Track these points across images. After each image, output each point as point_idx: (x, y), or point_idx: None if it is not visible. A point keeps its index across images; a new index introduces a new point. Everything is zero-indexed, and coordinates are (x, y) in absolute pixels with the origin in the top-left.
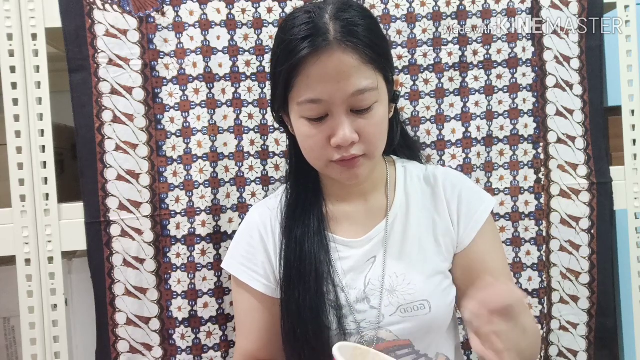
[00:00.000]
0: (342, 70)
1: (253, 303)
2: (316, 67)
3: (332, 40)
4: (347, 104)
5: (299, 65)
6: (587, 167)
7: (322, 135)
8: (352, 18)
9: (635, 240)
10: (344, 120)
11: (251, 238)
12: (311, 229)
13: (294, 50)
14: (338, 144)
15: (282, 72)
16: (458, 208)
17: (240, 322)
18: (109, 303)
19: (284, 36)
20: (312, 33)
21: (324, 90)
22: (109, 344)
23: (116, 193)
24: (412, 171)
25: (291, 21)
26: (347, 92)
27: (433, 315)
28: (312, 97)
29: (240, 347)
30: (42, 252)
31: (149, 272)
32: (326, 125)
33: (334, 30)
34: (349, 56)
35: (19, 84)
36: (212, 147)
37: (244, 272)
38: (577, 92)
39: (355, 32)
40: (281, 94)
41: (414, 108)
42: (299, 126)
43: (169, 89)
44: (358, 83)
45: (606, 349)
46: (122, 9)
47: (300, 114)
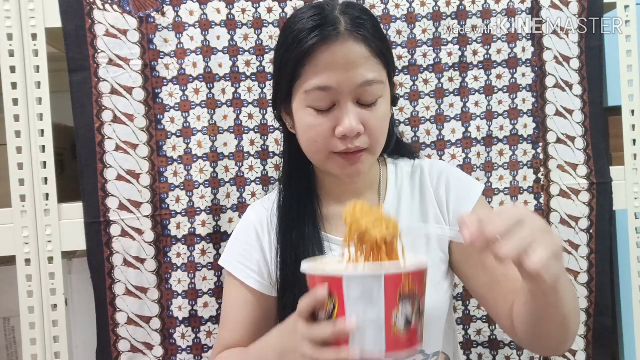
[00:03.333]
0: (352, 60)
1: (245, 298)
2: (326, 55)
3: (343, 30)
4: (354, 94)
5: (309, 53)
6: (586, 167)
7: (327, 125)
8: (359, 14)
9: (635, 240)
10: (350, 109)
11: (248, 236)
12: (306, 232)
13: (304, 39)
14: (344, 133)
15: (289, 61)
16: (447, 194)
17: (228, 316)
18: (109, 303)
19: (291, 28)
20: (322, 23)
21: (333, 78)
22: (109, 343)
23: (116, 193)
24: (402, 167)
25: (298, 16)
26: (356, 82)
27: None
28: (321, 84)
29: (222, 339)
30: (42, 252)
31: (149, 271)
32: (332, 115)
33: (344, 21)
34: (359, 46)
35: (19, 84)
36: (212, 147)
37: (240, 269)
38: (577, 92)
39: (364, 26)
40: (286, 85)
41: (413, 108)
42: (303, 117)
43: (169, 89)
44: (366, 74)
45: (604, 348)
46: (122, 9)
47: (306, 103)
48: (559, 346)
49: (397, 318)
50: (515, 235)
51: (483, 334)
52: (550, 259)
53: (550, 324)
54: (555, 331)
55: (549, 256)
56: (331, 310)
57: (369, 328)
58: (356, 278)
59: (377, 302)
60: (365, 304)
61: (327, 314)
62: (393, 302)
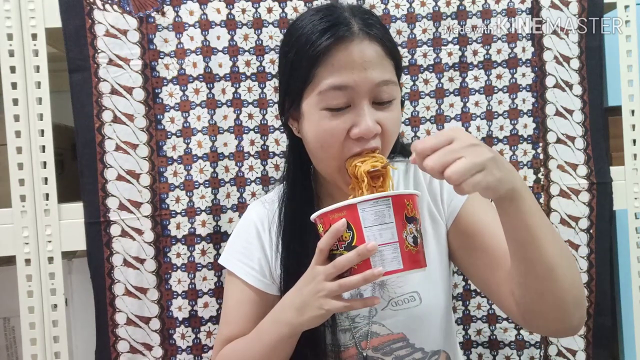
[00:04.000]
0: (368, 59)
1: (247, 296)
2: (342, 54)
3: (357, 30)
4: (371, 94)
5: (323, 54)
6: (586, 167)
7: (343, 126)
8: (368, 16)
9: (635, 240)
10: (367, 110)
11: (248, 235)
12: (309, 246)
13: (317, 40)
14: (361, 134)
15: (301, 64)
16: (440, 187)
17: (228, 311)
18: (109, 303)
19: (300, 31)
20: (334, 24)
21: (350, 77)
22: (108, 344)
23: (116, 193)
24: (398, 166)
25: (306, 19)
26: (373, 81)
27: (424, 306)
28: (338, 83)
29: (223, 335)
30: (42, 252)
31: (149, 272)
32: (347, 116)
33: (356, 22)
34: (375, 45)
35: (19, 84)
36: (213, 147)
37: (240, 267)
38: (577, 92)
39: (375, 26)
40: (298, 88)
41: (414, 108)
42: (316, 120)
43: (169, 89)
44: (383, 74)
45: (604, 348)
46: (122, 9)
47: (321, 104)
48: (559, 318)
49: (407, 237)
50: (441, 150)
51: (483, 334)
52: (471, 170)
53: (539, 278)
54: (547, 292)
55: (469, 167)
56: (349, 241)
57: (387, 248)
58: (369, 202)
59: (390, 223)
60: (380, 227)
61: (344, 246)
62: (402, 223)
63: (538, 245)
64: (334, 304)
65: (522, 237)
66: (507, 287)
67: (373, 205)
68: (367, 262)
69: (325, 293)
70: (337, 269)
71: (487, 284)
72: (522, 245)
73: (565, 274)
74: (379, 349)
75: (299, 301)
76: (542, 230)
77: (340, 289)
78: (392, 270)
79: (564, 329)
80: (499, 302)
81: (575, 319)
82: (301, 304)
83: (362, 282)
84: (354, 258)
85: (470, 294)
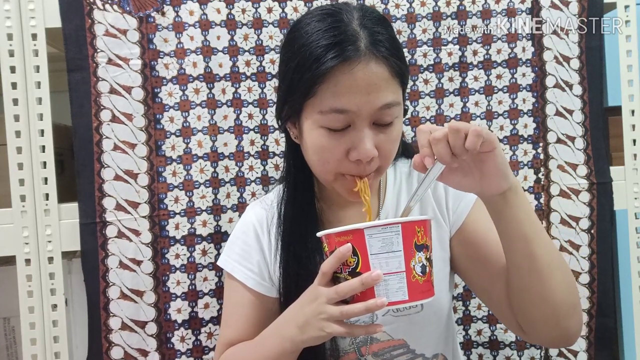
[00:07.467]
0: (372, 82)
1: (247, 299)
2: (346, 77)
3: (364, 48)
4: (372, 117)
5: (327, 73)
6: (587, 167)
7: (341, 147)
8: (377, 27)
9: (635, 240)
10: (367, 134)
11: (247, 237)
12: (309, 247)
13: (322, 57)
14: (359, 158)
15: (303, 78)
16: (445, 193)
17: (229, 314)
18: (103, 307)
19: (303, 39)
20: (341, 40)
21: (352, 101)
22: (101, 351)
23: (113, 193)
24: (400, 168)
25: (310, 24)
26: (375, 106)
27: (425, 312)
28: (339, 107)
29: (225, 337)
30: (42, 252)
31: (146, 274)
32: (347, 137)
33: (364, 38)
34: (380, 67)
35: (19, 84)
36: (213, 147)
37: (239, 270)
38: (577, 92)
39: (383, 43)
40: (298, 101)
41: (414, 108)
42: (315, 136)
43: (169, 88)
44: (386, 97)
45: (606, 349)
46: (122, 8)
47: (320, 123)
48: (554, 325)
49: (415, 267)
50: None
51: (483, 335)
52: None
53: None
54: (540, 298)
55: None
56: (354, 267)
57: (392, 277)
58: (377, 228)
59: (398, 252)
60: (387, 255)
61: (348, 271)
62: (411, 251)
63: (529, 241)
64: (335, 328)
65: (518, 231)
66: (507, 298)
67: (381, 232)
68: (371, 290)
69: (327, 317)
70: (339, 295)
71: (488, 294)
72: (516, 240)
73: (557, 277)
74: (379, 355)
75: (302, 320)
76: (534, 228)
77: (341, 315)
78: (397, 301)
79: (560, 337)
80: (499, 313)
81: (571, 326)
82: (303, 323)
83: (364, 311)
84: (357, 286)
85: (471, 294)
